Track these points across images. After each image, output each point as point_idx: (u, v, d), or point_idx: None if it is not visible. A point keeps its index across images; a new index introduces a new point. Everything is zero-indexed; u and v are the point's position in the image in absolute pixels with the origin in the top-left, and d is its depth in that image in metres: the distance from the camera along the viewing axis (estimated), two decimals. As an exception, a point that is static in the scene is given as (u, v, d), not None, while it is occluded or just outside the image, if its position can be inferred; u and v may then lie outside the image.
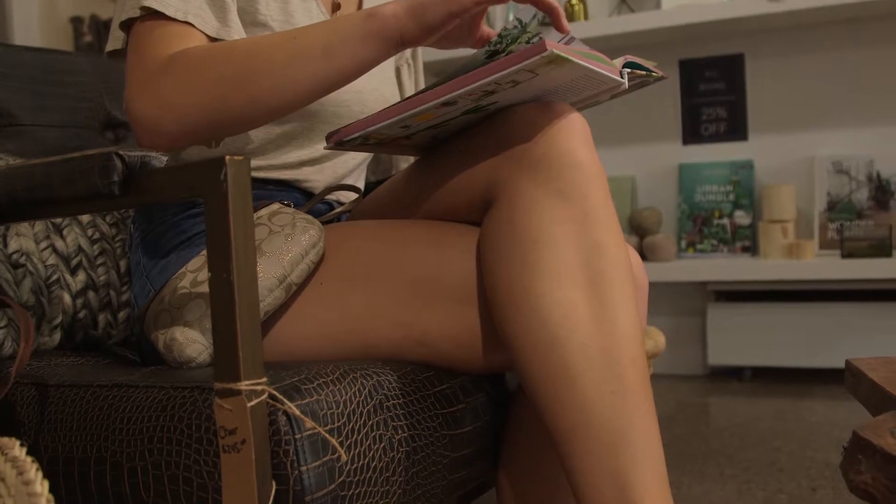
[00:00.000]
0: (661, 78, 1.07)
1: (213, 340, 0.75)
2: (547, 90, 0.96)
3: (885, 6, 2.66)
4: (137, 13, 1.03)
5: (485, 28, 1.15)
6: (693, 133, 3.04)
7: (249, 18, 1.11)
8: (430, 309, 0.99)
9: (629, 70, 1.00)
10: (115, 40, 1.08)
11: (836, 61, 2.86)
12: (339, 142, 1.00)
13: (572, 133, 0.94)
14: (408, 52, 1.41)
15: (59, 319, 1.22)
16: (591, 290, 0.90)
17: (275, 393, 0.77)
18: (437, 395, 0.99)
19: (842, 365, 2.50)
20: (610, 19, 2.89)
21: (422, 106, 0.92)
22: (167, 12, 1.01)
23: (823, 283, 2.77)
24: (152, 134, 0.99)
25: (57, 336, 1.23)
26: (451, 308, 0.99)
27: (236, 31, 1.06)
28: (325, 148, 1.02)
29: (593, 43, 2.92)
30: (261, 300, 0.96)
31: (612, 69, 0.95)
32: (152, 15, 1.02)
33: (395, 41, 0.97)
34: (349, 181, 1.26)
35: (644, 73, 1.03)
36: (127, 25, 1.06)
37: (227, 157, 0.74)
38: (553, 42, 0.84)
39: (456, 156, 1.02)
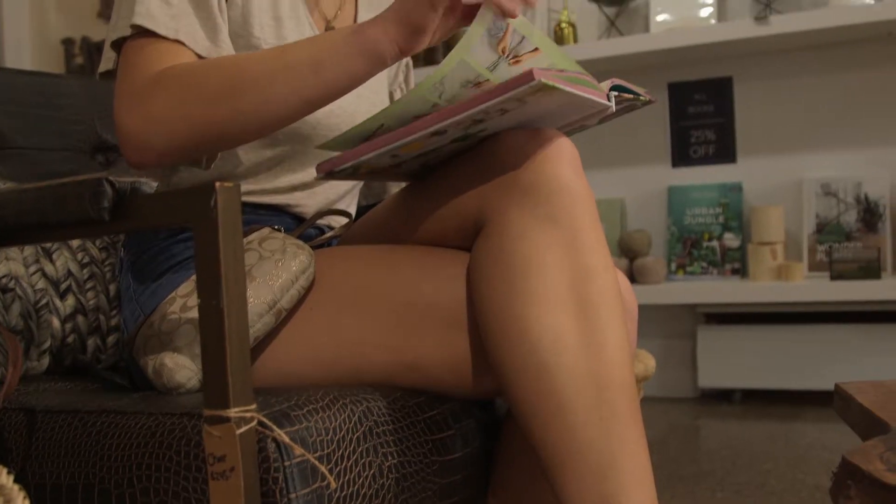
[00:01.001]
0: (650, 102, 1.07)
1: (203, 367, 0.75)
2: (535, 116, 0.96)
3: (870, 30, 2.69)
4: (128, 32, 1.03)
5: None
6: (682, 156, 3.06)
7: (243, 42, 1.11)
8: (421, 334, 0.99)
9: (616, 93, 1.00)
10: (106, 60, 1.09)
11: (823, 84, 2.88)
12: (330, 172, 1.00)
13: (561, 158, 0.94)
14: (401, 76, 1.41)
15: (47, 344, 1.22)
16: (580, 316, 0.90)
17: (264, 420, 0.77)
18: (426, 420, 0.99)
19: (832, 387, 2.51)
20: (599, 42, 2.91)
21: (411, 136, 0.92)
22: (158, 30, 1.02)
23: (813, 306, 2.77)
24: (140, 150, 0.99)
25: (45, 361, 1.22)
26: (442, 333, 0.99)
27: (227, 51, 1.07)
28: (315, 178, 1.02)
29: (583, 66, 2.93)
30: (251, 326, 0.96)
31: (599, 93, 0.96)
32: (143, 34, 1.02)
33: (393, 54, 0.96)
34: (341, 206, 1.26)
35: (632, 96, 1.03)
36: (118, 45, 1.06)
37: (217, 184, 0.74)
38: (540, 70, 0.85)
39: (446, 182, 1.02)
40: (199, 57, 1.05)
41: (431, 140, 0.94)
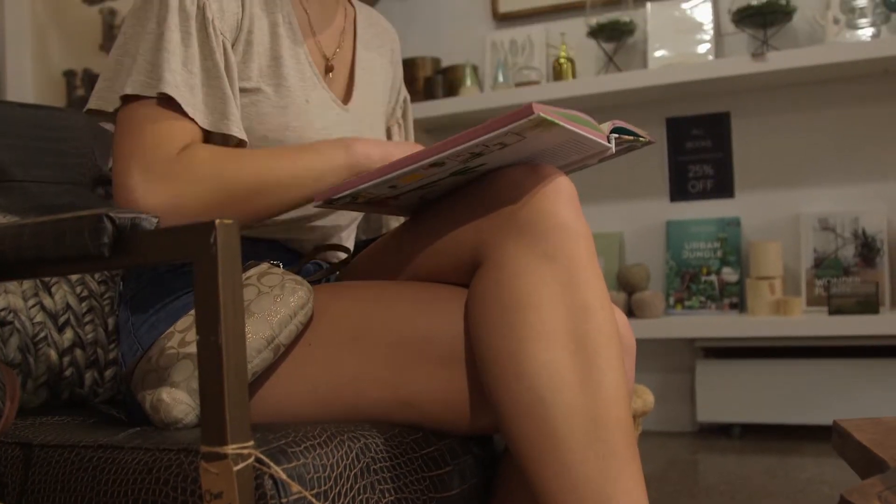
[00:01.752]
0: (649, 143, 1.08)
1: (200, 403, 0.75)
2: (535, 153, 0.97)
3: (867, 66, 2.71)
4: (152, 93, 1.03)
5: None
6: (680, 190, 3.07)
7: (241, 85, 1.12)
8: (418, 370, 0.99)
9: (617, 135, 1.01)
10: (103, 101, 1.07)
11: (820, 120, 2.89)
12: (329, 200, 1.01)
13: (558, 196, 0.95)
14: (398, 111, 1.43)
15: (45, 377, 1.22)
16: (578, 353, 0.90)
17: (261, 457, 0.77)
18: (424, 457, 0.99)
19: (830, 422, 2.50)
20: (598, 78, 2.92)
21: (410, 166, 0.93)
22: (183, 105, 1.03)
23: (811, 340, 2.77)
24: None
25: (43, 394, 1.22)
26: (439, 369, 0.99)
27: (234, 123, 1.07)
28: (314, 206, 1.03)
29: (581, 101, 2.96)
30: (249, 361, 0.96)
31: (599, 134, 0.96)
32: (164, 101, 1.03)
33: (357, 173, 1.08)
34: (339, 241, 1.27)
35: (632, 138, 1.04)
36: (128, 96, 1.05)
37: (217, 221, 0.74)
38: (540, 105, 0.85)
39: (444, 217, 1.02)
40: (204, 132, 1.07)
41: (430, 171, 0.95)
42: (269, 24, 1.16)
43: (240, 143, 1.09)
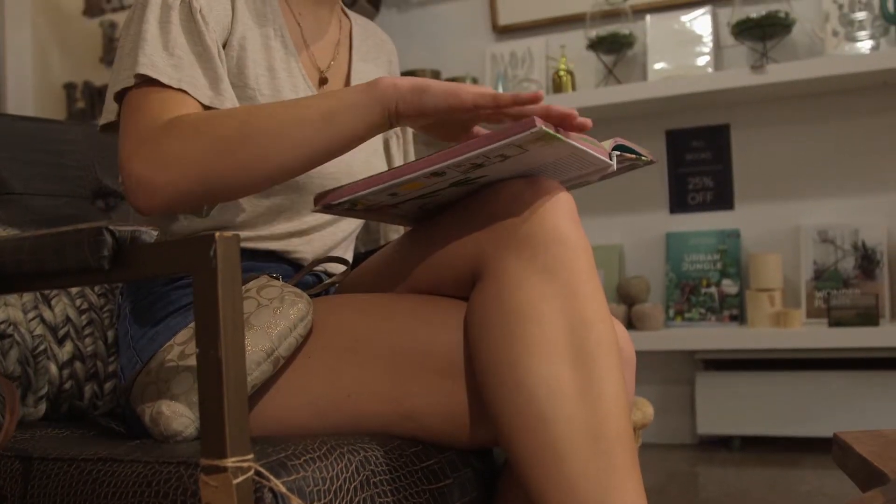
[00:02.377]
0: (651, 162, 1.08)
1: (200, 416, 0.75)
2: (535, 166, 0.97)
3: (866, 79, 2.71)
4: (132, 82, 1.04)
5: (479, 129, 1.14)
6: (680, 202, 3.07)
7: (238, 92, 1.12)
8: (418, 383, 0.99)
9: (618, 153, 1.01)
10: (108, 113, 1.09)
11: (820, 132, 2.90)
12: (327, 205, 1.00)
13: (558, 209, 0.95)
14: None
15: (44, 390, 1.22)
16: (578, 366, 0.90)
17: (261, 470, 0.77)
18: (424, 470, 0.99)
19: (830, 434, 2.49)
20: (597, 90, 2.93)
21: (410, 174, 0.93)
22: (161, 79, 1.03)
23: (811, 352, 2.77)
24: (148, 195, 0.99)
25: (42, 407, 1.22)
26: (439, 382, 0.99)
27: (230, 100, 1.08)
28: (312, 210, 1.02)
29: (581, 113, 2.95)
30: (248, 374, 0.96)
31: (601, 150, 0.96)
32: (147, 83, 1.04)
33: (391, 111, 0.99)
34: (338, 252, 1.27)
35: (633, 156, 1.04)
36: (121, 96, 1.07)
37: (217, 234, 0.74)
38: (542, 119, 0.85)
39: (444, 230, 1.02)
40: (203, 105, 1.06)
41: (430, 181, 0.95)
42: (261, 35, 1.16)
43: None
